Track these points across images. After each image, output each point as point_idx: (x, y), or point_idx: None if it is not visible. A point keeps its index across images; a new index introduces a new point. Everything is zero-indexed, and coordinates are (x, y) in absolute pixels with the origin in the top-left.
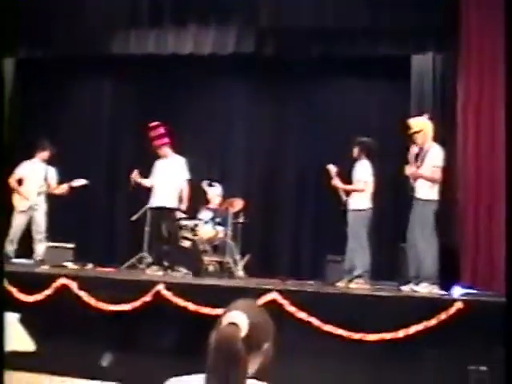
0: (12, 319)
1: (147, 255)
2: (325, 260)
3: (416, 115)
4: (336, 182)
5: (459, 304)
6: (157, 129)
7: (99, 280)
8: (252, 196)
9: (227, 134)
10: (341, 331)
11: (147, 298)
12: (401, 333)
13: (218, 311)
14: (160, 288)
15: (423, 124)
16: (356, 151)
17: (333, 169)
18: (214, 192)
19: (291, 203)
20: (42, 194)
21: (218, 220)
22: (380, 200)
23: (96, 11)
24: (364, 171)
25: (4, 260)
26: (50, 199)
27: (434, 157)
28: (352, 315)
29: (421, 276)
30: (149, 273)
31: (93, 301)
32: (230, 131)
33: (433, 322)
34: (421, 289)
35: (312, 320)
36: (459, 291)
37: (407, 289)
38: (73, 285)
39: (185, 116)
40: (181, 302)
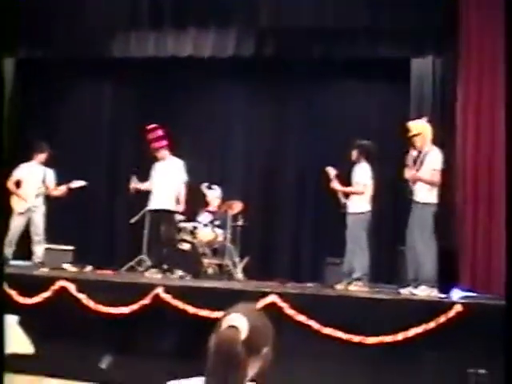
0: (11, 321)
1: (146, 258)
2: (324, 263)
3: (415, 118)
4: (335, 185)
5: (458, 307)
6: (155, 131)
7: (98, 282)
8: (251, 198)
9: (226, 137)
10: (340, 334)
11: (146, 301)
12: (400, 336)
13: (218, 314)
14: (159, 291)
15: (422, 127)
16: (355, 154)
17: (331, 171)
18: (213, 194)
19: (290, 206)
20: (41, 196)
21: (218, 223)
22: (379, 203)
23: (96, 13)
24: (363, 174)
25: (3, 263)
26: (49, 201)
27: (433, 160)
28: (351, 318)
29: (420, 279)
30: (148, 275)
31: (92, 303)
32: (230, 134)
33: (432, 325)
34: (420, 292)
35: (311, 323)
36: (458, 294)
37: (406, 292)
38: (72, 287)
39: (184, 118)
40: (180, 305)
